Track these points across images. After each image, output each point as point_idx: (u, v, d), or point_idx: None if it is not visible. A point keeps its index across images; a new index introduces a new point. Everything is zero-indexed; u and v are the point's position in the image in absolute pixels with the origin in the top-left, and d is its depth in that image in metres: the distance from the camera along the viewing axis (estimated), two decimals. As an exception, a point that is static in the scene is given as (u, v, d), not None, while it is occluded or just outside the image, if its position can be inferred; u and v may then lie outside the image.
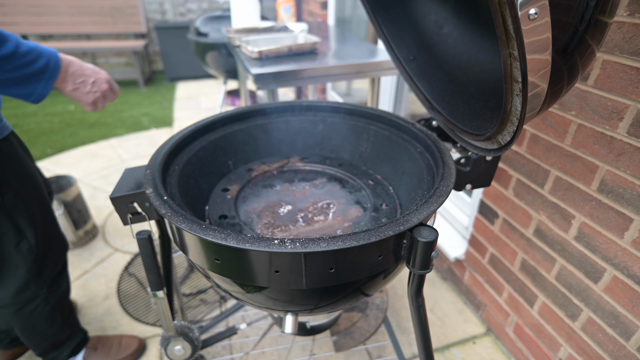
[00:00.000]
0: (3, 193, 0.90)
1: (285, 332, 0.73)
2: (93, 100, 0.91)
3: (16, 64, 0.72)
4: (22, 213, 0.96)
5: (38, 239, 1.02)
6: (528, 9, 0.42)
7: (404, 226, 0.58)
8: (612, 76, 0.86)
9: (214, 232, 0.56)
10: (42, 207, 1.05)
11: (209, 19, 2.82)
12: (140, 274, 1.73)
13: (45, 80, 0.78)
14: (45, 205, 1.06)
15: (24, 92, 0.77)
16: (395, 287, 1.67)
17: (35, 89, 0.78)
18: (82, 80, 0.86)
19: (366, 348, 1.39)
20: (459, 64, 0.89)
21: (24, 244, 0.99)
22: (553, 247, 1.12)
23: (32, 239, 1.00)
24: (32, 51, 0.75)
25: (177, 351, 0.99)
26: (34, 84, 0.77)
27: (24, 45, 0.74)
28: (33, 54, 0.75)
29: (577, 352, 1.11)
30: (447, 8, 0.88)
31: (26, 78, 0.75)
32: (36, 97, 0.78)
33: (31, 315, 1.11)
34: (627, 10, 0.80)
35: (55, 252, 1.12)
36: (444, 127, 0.87)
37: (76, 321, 1.29)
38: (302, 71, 1.36)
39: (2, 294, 1.04)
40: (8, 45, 0.71)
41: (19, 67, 0.73)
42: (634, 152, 0.85)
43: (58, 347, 1.24)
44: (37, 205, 1.02)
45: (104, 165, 2.64)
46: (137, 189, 0.77)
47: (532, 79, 0.48)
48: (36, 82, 0.77)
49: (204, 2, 4.56)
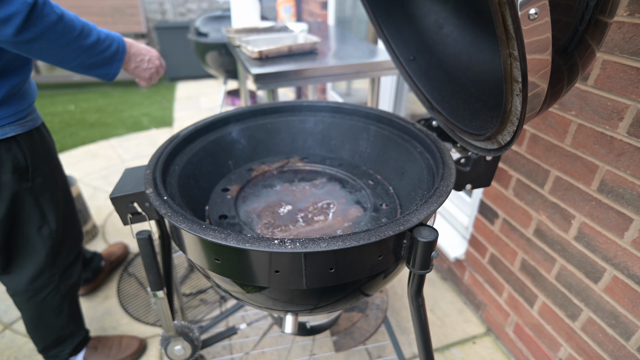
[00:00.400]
0: (34, 177, 0.96)
1: (285, 332, 0.73)
2: (150, 75, 1.07)
3: (99, 49, 0.88)
4: (48, 199, 1.02)
5: (59, 225, 1.07)
6: (528, 9, 0.42)
7: (404, 226, 0.58)
8: (612, 76, 0.86)
9: (214, 232, 0.56)
10: (65, 195, 1.11)
11: (209, 19, 2.82)
12: (140, 274, 1.73)
13: (117, 61, 0.94)
14: (67, 194, 1.13)
15: (103, 72, 0.93)
16: (395, 287, 1.67)
17: (111, 69, 0.93)
18: (140, 58, 1.02)
19: (366, 348, 1.39)
20: (459, 64, 0.89)
21: (46, 229, 1.04)
22: (553, 247, 1.12)
23: (54, 224, 1.05)
24: (108, 37, 0.90)
25: (177, 351, 0.99)
26: (110, 64, 0.92)
27: (102, 33, 0.89)
28: (109, 40, 0.90)
29: (577, 352, 1.11)
30: (447, 8, 0.88)
31: (105, 60, 0.91)
32: (111, 76, 0.95)
33: (41, 304, 1.13)
34: (627, 10, 0.80)
35: (71, 240, 1.15)
36: (444, 127, 0.87)
37: (81, 317, 1.29)
38: (302, 71, 1.36)
39: (19, 280, 1.07)
40: (93, 34, 0.86)
41: (101, 52, 0.89)
42: (634, 152, 0.85)
43: (60, 344, 1.24)
44: (61, 193, 1.08)
45: (104, 165, 2.64)
46: (137, 189, 0.77)
47: (532, 79, 0.48)
48: (112, 62, 0.92)
49: (204, 2, 4.56)
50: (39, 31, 0.76)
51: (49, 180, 1.02)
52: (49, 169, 1.03)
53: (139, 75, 1.05)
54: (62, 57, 0.84)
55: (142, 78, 1.07)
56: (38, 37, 0.77)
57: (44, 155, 1.01)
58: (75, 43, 0.83)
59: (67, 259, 1.15)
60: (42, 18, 0.75)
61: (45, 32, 0.77)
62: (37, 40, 0.77)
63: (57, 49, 0.81)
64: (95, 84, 4.37)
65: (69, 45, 0.82)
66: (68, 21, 0.81)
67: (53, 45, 0.80)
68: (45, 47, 0.79)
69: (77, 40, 0.83)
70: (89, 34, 0.85)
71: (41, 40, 0.77)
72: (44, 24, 0.75)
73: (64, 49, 0.82)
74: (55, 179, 1.06)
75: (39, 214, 1.02)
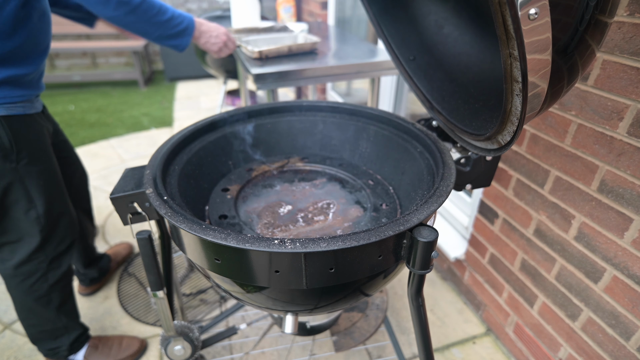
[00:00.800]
0: (19, 160, 1.00)
1: (285, 332, 0.73)
2: (218, 48, 1.37)
3: (173, 23, 1.19)
4: (34, 183, 1.05)
5: (47, 210, 1.09)
6: (528, 9, 0.42)
7: (404, 226, 0.58)
8: (612, 76, 0.86)
9: (214, 232, 0.56)
10: (56, 184, 1.13)
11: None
12: (140, 274, 1.73)
13: (187, 35, 1.24)
14: (58, 184, 1.14)
15: (176, 43, 1.24)
16: (395, 287, 1.67)
17: (182, 41, 1.24)
18: (209, 34, 1.33)
19: (366, 348, 1.39)
20: (459, 64, 0.89)
21: (33, 212, 1.06)
22: (553, 247, 1.12)
23: (41, 208, 1.07)
24: (180, 16, 1.21)
25: (177, 351, 0.99)
26: (181, 37, 1.23)
27: (176, 12, 1.19)
28: (180, 18, 1.21)
29: (577, 352, 1.11)
30: (447, 8, 0.88)
31: (177, 34, 1.21)
32: (183, 46, 1.26)
33: (29, 291, 1.14)
34: (627, 10, 0.80)
35: (63, 230, 1.16)
36: (444, 127, 0.87)
37: (75, 312, 1.29)
38: (302, 71, 1.36)
39: (7, 263, 1.10)
40: (169, 12, 1.17)
41: (174, 26, 1.19)
42: (634, 152, 0.85)
43: (56, 338, 1.25)
44: (49, 181, 1.09)
45: (104, 165, 2.64)
46: (137, 189, 0.76)
47: (532, 79, 0.48)
48: (183, 36, 1.23)
49: (204, 2, 4.56)
50: (128, 9, 1.09)
51: (36, 165, 1.04)
52: (37, 155, 1.05)
53: (209, 49, 1.35)
54: (146, 29, 1.15)
55: (212, 51, 1.36)
56: (128, 13, 1.09)
57: (33, 140, 1.03)
58: (155, 18, 1.13)
59: (57, 248, 1.16)
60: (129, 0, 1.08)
61: (133, 10, 1.09)
62: (127, 15, 1.10)
63: (143, 23, 1.13)
64: (95, 84, 4.38)
65: (150, 20, 1.13)
66: (149, 2, 1.12)
67: (139, 20, 1.12)
68: (134, 21, 1.11)
69: (156, 16, 1.13)
70: (165, 11, 1.16)
71: (131, 15, 1.10)
72: (131, 4, 1.08)
73: (147, 23, 1.13)
74: (45, 166, 1.08)
75: (26, 197, 1.04)
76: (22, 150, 1.00)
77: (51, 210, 1.11)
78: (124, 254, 1.79)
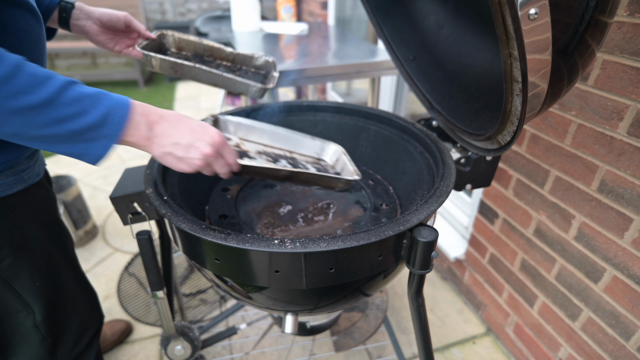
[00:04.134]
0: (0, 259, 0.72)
1: (285, 332, 0.73)
2: (193, 170, 0.62)
3: (55, 116, 0.50)
4: (27, 285, 0.78)
5: (47, 314, 0.82)
6: (528, 9, 0.42)
7: (404, 226, 0.58)
8: (612, 76, 0.86)
9: (214, 232, 0.56)
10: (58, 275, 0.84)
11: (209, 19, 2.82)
12: (140, 274, 1.73)
13: (102, 138, 0.54)
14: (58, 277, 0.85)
15: (72, 151, 0.54)
16: (395, 287, 1.67)
17: (89, 148, 0.54)
18: (174, 141, 0.59)
19: (366, 348, 1.39)
20: (459, 64, 0.89)
21: (29, 319, 0.81)
22: (553, 247, 1.12)
23: (40, 315, 0.81)
24: (84, 98, 0.52)
25: (177, 351, 0.99)
26: (85, 143, 0.54)
27: (72, 90, 0.51)
28: (85, 102, 0.52)
29: (577, 352, 1.11)
30: (447, 8, 0.88)
31: (73, 135, 0.52)
32: (91, 158, 0.55)
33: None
34: (627, 10, 0.80)
35: (76, 328, 0.90)
36: (444, 127, 0.87)
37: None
38: (302, 71, 1.36)
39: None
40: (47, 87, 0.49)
41: (60, 121, 0.50)
42: (634, 152, 0.85)
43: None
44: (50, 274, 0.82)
45: (104, 165, 2.64)
46: (137, 189, 0.77)
47: (532, 79, 0.48)
48: (90, 140, 0.53)
49: (204, 2, 4.56)
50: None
51: (28, 259, 0.76)
52: (30, 245, 0.77)
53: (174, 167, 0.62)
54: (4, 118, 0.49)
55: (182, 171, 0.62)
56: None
57: (21, 228, 0.75)
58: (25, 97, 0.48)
59: (73, 350, 0.90)
60: None
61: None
62: None
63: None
64: (96, 84, 4.38)
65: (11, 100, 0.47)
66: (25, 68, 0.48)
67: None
68: None
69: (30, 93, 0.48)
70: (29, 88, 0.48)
71: None
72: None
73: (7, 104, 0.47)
74: (43, 257, 0.80)
75: (18, 302, 0.79)
76: (2, 248, 0.72)
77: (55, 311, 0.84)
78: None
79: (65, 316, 0.87)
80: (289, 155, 0.84)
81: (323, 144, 0.88)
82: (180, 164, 0.61)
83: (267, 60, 0.89)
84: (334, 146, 0.87)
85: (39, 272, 0.79)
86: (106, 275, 1.73)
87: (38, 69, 0.50)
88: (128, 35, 0.87)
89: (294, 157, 0.84)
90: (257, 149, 0.82)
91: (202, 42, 0.88)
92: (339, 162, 0.85)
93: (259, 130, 0.82)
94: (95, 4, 0.88)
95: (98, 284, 1.69)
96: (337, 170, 0.84)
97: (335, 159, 0.86)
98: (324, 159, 0.87)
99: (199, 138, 0.60)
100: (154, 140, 0.58)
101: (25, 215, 0.75)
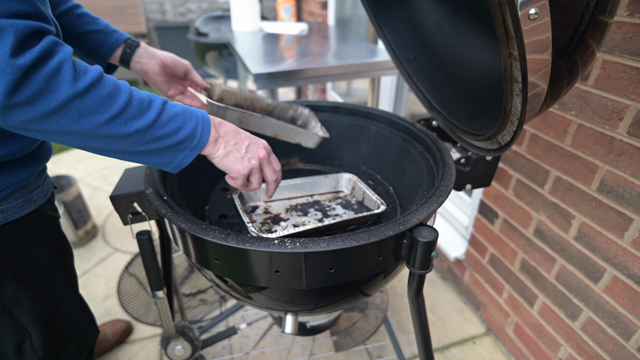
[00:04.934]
0: (2, 286, 0.71)
1: (285, 332, 0.73)
2: (248, 170, 0.64)
3: (156, 134, 0.54)
4: (26, 311, 0.75)
5: (46, 338, 0.80)
6: (528, 9, 0.42)
7: (404, 226, 0.58)
8: (612, 76, 0.86)
9: (214, 232, 0.56)
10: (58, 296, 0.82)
11: (209, 19, 2.82)
12: (140, 274, 1.73)
13: (189, 149, 0.58)
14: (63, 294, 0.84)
15: (159, 161, 0.58)
16: (395, 287, 1.67)
17: (175, 158, 0.58)
18: (235, 142, 0.63)
19: (366, 348, 1.39)
20: (459, 64, 0.89)
21: (27, 345, 0.79)
22: (553, 247, 1.12)
23: (38, 340, 0.79)
24: (177, 117, 0.56)
25: (177, 351, 0.99)
26: (174, 152, 0.58)
27: (167, 110, 0.55)
28: (179, 120, 0.56)
29: (577, 352, 1.11)
30: (447, 8, 0.88)
31: (166, 149, 0.56)
32: (174, 166, 0.59)
33: None
34: (627, 10, 0.80)
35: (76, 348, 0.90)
36: (444, 127, 0.87)
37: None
38: (302, 71, 1.36)
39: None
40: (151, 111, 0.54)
41: (159, 139, 0.55)
42: (634, 152, 0.85)
43: None
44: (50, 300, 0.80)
45: (104, 165, 2.64)
46: (137, 189, 0.77)
47: (532, 79, 0.48)
48: (179, 150, 0.58)
49: (204, 2, 4.56)
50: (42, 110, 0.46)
51: (30, 286, 0.74)
52: (32, 271, 0.75)
53: (230, 169, 0.64)
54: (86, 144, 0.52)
55: (237, 173, 0.64)
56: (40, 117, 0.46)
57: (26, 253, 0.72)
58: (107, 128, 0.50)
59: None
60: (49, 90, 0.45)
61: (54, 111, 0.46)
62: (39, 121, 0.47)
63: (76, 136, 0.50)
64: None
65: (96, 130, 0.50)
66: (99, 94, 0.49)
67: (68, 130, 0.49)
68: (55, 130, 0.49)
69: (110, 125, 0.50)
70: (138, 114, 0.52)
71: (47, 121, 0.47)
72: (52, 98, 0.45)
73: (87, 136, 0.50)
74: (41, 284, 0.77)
75: (15, 330, 0.76)
76: (6, 275, 0.69)
77: (54, 334, 0.82)
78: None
79: (65, 337, 0.86)
80: (311, 201, 0.91)
81: (336, 177, 0.94)
82: (239, 163, 0.63)
83: (304, 112, 0.96)
84: (346, 176, 0.94)
85: (40, 297, 0.76)
86: (106, 275, 1.73)
87: (141, 94, 0.54)
88: (182, 82, 0.88)
89: (316, 199, 0.92)
90: (284, 206, 0.89)
91: (244, 93, 0.92)
92: (356, 190, 0.92)
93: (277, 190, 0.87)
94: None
95: (98, 284, 1.69)
96: (358, 199, 0.91)
97: (352, 187, 0.93)
98: (341, 190, 0.95)
99: (254, 142, 0.65)
100: (220, 141, 0.62)
101: (32, 239, 0.73)
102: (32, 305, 0.75)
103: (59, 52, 0.47)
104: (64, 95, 0.46)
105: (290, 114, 0.97)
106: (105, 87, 0.49)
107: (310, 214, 0.86)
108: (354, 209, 0.88)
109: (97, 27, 0.78)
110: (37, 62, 0.44)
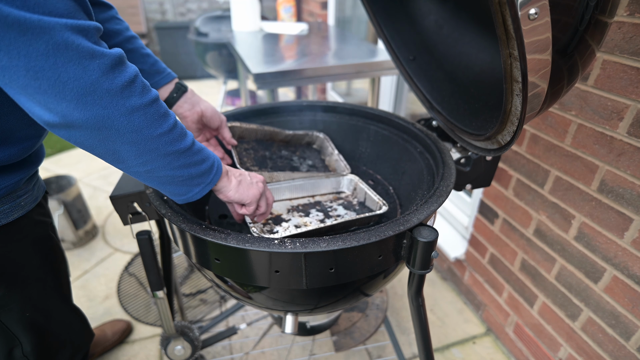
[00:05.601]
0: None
1: (285, 332, 0.73)
2: (260, 192, 0.68)
3: (187, 161, 0.56)
4: (15, 317, 0.74)
5: (37, 344, 0.80)
6: (528, 9, 0.42)
7: (404, 226, 0.58)
8: (612, 76, 0.86)
9: (214, 232, 0.56)
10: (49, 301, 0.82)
11: (209, 19, 2.82)
12: (140, 274, 1.73)
13: (205, 184, 0.60)
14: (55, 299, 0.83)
15: (175, 191, 0.59)
16: (395, 287, 1.67)
17: (190, 190, 0.59)
18: (240, 173, 0.68)
19: (366, 348, 1.39)
20: (459, 64, 0.89)
21: (17, 351, 0.78)
22: (553, 247, 1.12)
23: (28, 345, 0.78)
24: (203, 150, 0.59)
25: (177, 351, 0.99)
26: (191, 185, 0.59)
27: (197, 142, 0.59)
28: (204, 153, 0.59)
29: (577, 352, 1.11)
30: (447, 8, 0.88)
31: (188, 178, 0.58)
32: (186, 198, 0.60)
33: None
34: (627, 10, 0.80)
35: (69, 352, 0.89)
36: (444, 127, 0.87)
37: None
38: (302, 71, 1.36)
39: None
40: (188, 137, 0.56)
41: (187, 165, 0.56)
42: (634, 152, 0.85)
43: None
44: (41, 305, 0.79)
45: (104, 165, 2.64)
46: (137, 189, 0.77)
47: (532, 79, 0.48)
48: (196, 184, 0.59)
49: (204, 2, 4.56)
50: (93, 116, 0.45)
51: (17, 293, 0.73)
52: (23, 276, 0.74)
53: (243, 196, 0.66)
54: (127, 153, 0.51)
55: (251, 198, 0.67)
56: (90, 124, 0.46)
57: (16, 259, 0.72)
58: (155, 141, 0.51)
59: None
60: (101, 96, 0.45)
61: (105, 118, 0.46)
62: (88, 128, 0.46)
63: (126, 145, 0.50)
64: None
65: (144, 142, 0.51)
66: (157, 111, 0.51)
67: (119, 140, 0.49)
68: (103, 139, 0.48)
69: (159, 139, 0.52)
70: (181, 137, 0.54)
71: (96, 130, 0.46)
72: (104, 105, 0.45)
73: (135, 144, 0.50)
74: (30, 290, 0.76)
75: (5, 336, 0.76)
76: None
77: (46, 339, 0.81)
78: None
79: (57, 342, 0.85)
80: (313, 202, 0.91)
81: (338, 179, 0.95)
82: (253, 187, 0.68)
83: (319, 135, 1.03)
84: (348, 177, 0.94)
85: (30, 302, 0.75)
86: (106, 275, 1.73)
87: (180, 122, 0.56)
88: (212, 132, 0.90)
89: (317, 200, 0.92)
90: (285, 206, 0.89)
91: (264, 128, 0.97)
92: (357, 191, 0.93)
93: (276, 190, 0.88)
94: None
95: (98, 284, 1.69)
96: (360, 199, 0.91)
97: (353, 188, 0.94)
98: (343, 190, 0.95)
99: (251, 174, 0.71)
100: (229, 174, 0.66)
101: (20, 244, 0.72)
102: (21, 311, 0.74)
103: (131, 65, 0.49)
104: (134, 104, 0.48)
105: (306, 140, 1.04)
106: (162, 106, 0.52)
107: (312, 214, 0.86)
108: (355, 209, 0.88)
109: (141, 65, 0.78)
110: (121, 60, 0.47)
